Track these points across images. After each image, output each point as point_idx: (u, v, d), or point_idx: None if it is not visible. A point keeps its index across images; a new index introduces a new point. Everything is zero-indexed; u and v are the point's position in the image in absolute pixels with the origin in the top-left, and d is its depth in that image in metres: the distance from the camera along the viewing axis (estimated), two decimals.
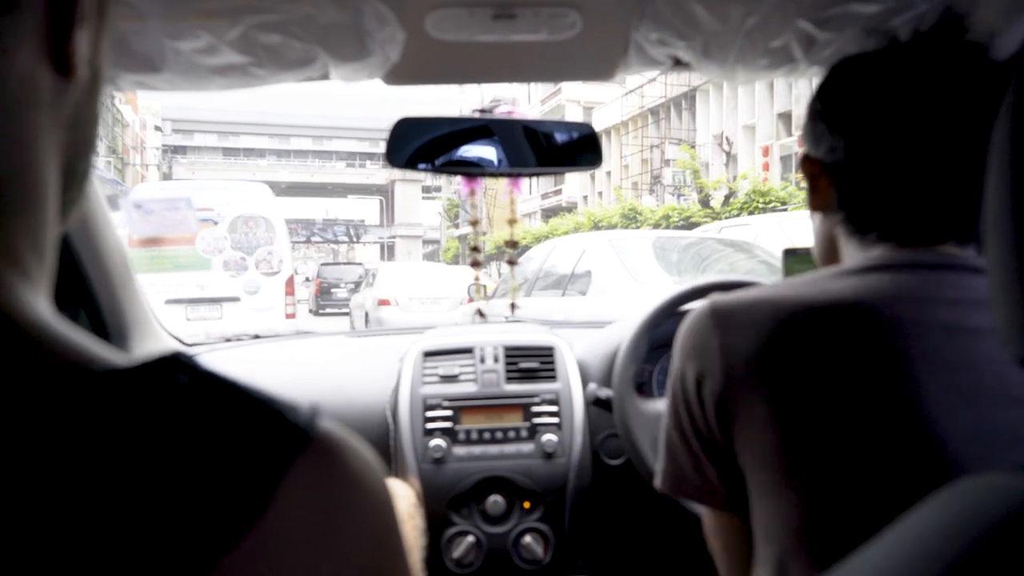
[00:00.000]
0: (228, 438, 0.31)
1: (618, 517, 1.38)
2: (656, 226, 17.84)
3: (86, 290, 1.26)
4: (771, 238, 7.22)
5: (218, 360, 1.51)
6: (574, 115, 31.58)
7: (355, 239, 45.93)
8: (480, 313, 2.10)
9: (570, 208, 32.68)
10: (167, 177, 45.34)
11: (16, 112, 0.34)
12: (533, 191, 36.95)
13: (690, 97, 24.83)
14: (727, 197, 17.31)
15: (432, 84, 1.18)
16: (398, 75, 1.07)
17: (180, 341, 1.58)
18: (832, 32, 0.98)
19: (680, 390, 0.79)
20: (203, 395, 0.33)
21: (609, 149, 29.86)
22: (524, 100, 34.10)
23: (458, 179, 1.38)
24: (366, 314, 11.36)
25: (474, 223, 1.72)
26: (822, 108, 0.79)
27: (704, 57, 1.02)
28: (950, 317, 0.68)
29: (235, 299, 7.22)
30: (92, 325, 1.31)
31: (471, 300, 7.40)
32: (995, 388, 0.65)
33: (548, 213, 34.12)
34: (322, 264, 24.07)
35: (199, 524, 0.29)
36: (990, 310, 0.46)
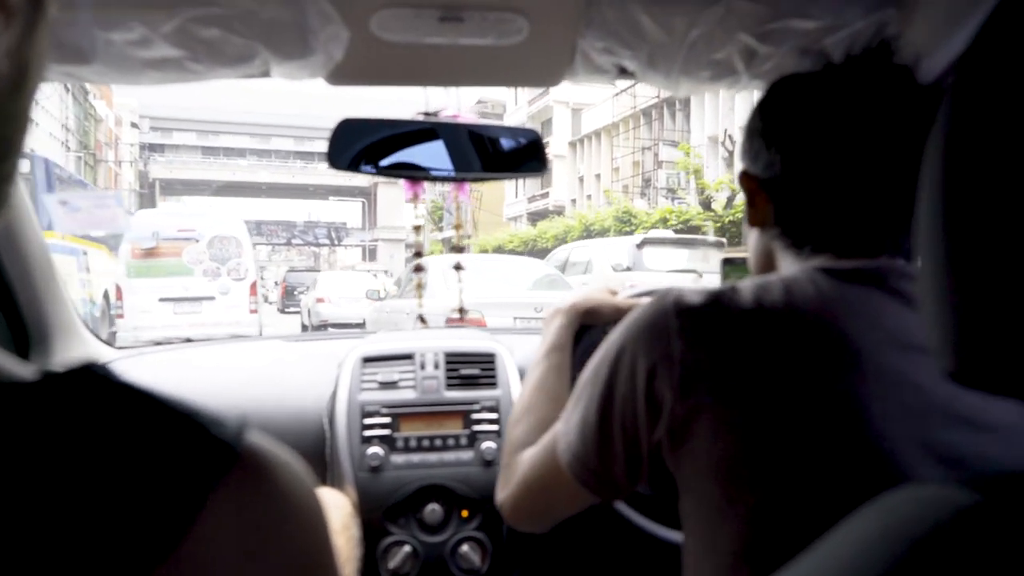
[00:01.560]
0: (147, 456, 0.30)
1: (556, 526, 1.38)
2: (652, 228, 17.74)
3: (6, 291, 1.20)
4: (601, 258, 10.30)
5: (147, 365, 1.46)
6: (562, 117, 31.24)
7: (336, 242, 44.84)
8: (421, 319, 2.07)
9: (558, 211, 31.45)
10: (143, 175, 43.77)
11: None
12: (519, 194, 36.06)
13: (684, 98, 24.57)
14: (729, 199, 16.71)
15: (374, 85, 1.16)
16: (341, 75, 1.05)
17: (108, 344, 1.52)
18: (772, 47, 1.00)
19: (622, 379, 0.76)
20: (119, 410, 0.31)
21: (599, 151, 29.33)
22: (511, 101, 33.84)
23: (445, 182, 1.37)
24: (308, 309, 15.49)
25: (416, 228, 1.70)
26: (760, 126, 0.81)
27: (649, 67, 1.03)
28: (897, 332, 0.69)
29: (211, 298, 9.45)
30: (12, 328, 1.25)
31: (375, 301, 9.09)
32: (943, 407, 0.66)
33: (534, 216, 33.18)
34: (287, 271, 28.69)
35: (117, 547, 0.28)
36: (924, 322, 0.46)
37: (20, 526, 0.27)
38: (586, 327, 1.15)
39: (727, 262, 1.41)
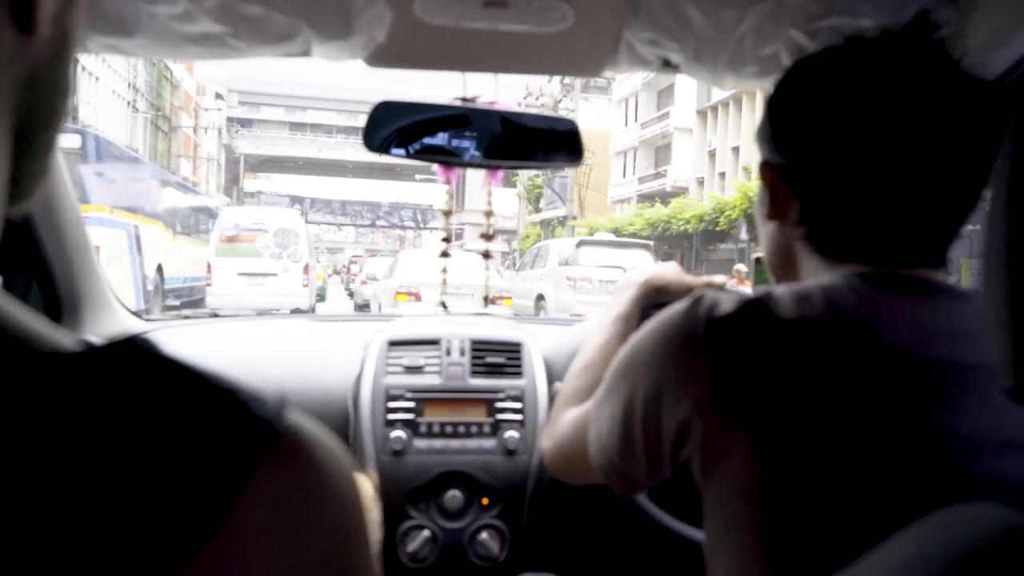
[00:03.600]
0: (191, 434, 0.29)
1: (575, 517, 1.38)
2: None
3: (40, 261, 1.21)
4: (555, 254, 12.70)
5: (175, 338, 1.47)
6: (687, 83, 27.94)
7: (421, 225, 43.81)
8: (443, 305, 2.09)
9: (678, 192, 26.68)
10: (229, 148, 43.50)
11: None
12: (628, 174, 32.30)
13: None
14: None
15: (415, 69, 1.15)
16: (382, 57, 1.05)
17: (137, 316, 1.53)
18: (822, 44, 0.98)
19: (647, 388, 0.71)
20: (162, 384, 0.30)
21: (738, 120, 25.21)
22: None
23: None
24: (355, 290, 18.45)
25: (447, 213, 1.69)
26: (785, 109, 0.74)
27: (694, 61, 1.01)
28: (946, 351, 0.64)
29: (275, 275, 12.64)
30: (44, 297, 1.26)
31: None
32: (991, 432, 0.62)
33: (646, 199, 29.13)
34: (352, 256, 34.67)
35: (160, 525, 0.27)
36: (987, 339, 0.45)
37: (58, 501, 0.26)
38: (653, 304, 1.15)
39: (759, 261, 1.39)
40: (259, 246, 12.77)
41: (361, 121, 1.20)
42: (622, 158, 33.92)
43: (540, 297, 12.60)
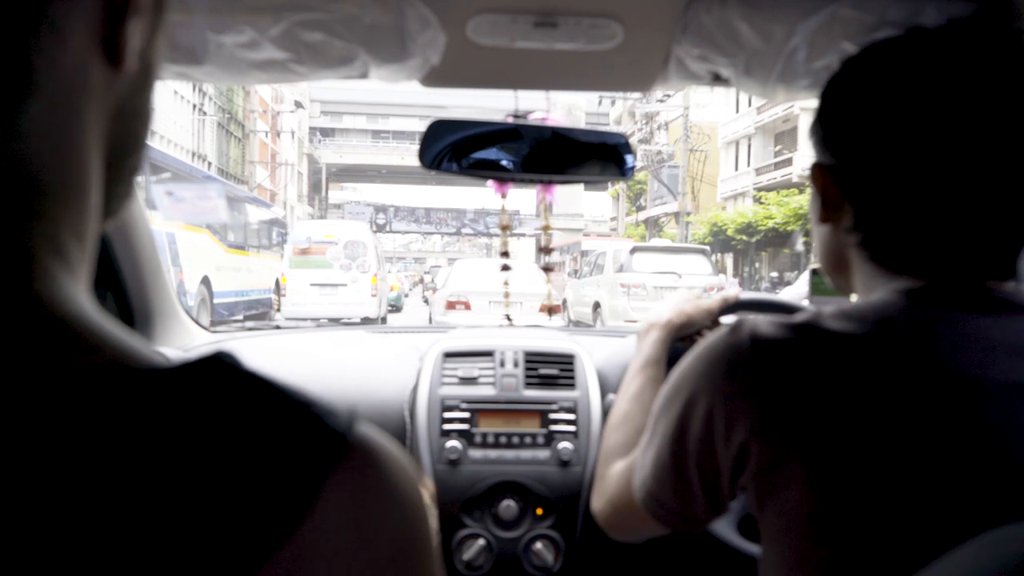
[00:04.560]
0: (271, 445, 0.31)
1: None
2: None
3: (115, 275, 1.27)
4: (610, 260, 12.86)
5: (241, 350, 1.52)
6: None
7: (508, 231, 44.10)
8: (508, 318, 2.13)
9: (806, 183, 24.64)
10: (312, 158, 44.28)
11: (66, 98, 0.34)
12: (741, 166, 28.92)
13: None
14: None
15: (468, 88, 1.18)
16: (436, 78, 1.08)
17: (202, 327, 1.59)
18: None
19: (696, 420, 0.69)
20: (246, 398, 0.33)
21: None
22: None
23: None
24: (429, 299, 19.14)
25: (504, 228, 1.71)
26: (836, 108, 0.70)
27: (745, 75, 1.01)
28: (1011, 371, 0.60)
29: (344, 285, 13.39)
30: (118, 308, 1.33)
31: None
32: None
33: (764, 192, 25.73)
34: (431, 266, 37.48)
35: (239, 533, 0.29)
36: None
37: (146, 509, 0.29)
38: (679, 338, 1.16)
39: (815, 272, 1.37)
40: (330, 258, 13.51)
41: None
42: (732, 149, 30.33)
43: (597, 305, 12.60)
